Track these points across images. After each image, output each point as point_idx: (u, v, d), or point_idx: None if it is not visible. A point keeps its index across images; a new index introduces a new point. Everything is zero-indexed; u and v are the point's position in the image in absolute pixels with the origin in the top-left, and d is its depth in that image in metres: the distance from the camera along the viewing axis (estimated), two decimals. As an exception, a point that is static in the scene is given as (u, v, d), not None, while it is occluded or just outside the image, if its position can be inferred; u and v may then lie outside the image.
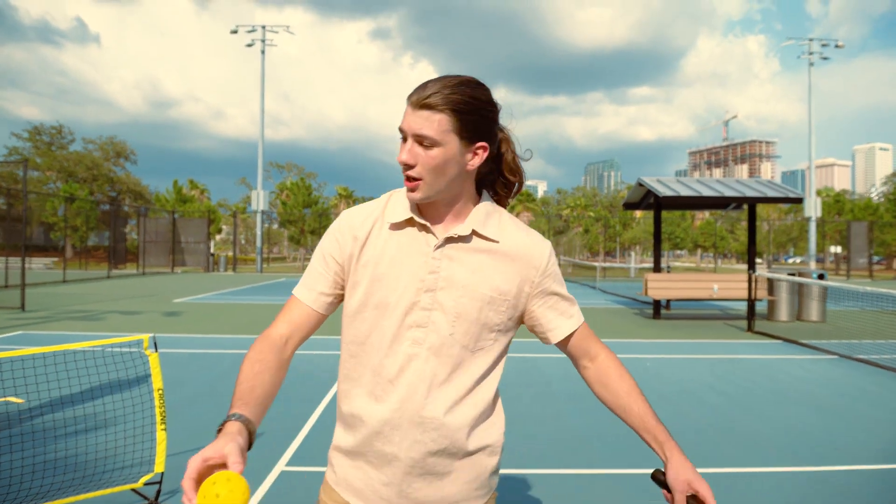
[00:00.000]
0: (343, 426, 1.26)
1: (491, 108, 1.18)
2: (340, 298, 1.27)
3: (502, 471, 3.69)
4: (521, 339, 10.52)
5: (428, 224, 1.20)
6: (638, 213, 60.99)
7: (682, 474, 1.14)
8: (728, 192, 11.64)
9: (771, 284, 11.72)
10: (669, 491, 1.15)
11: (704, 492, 1.12)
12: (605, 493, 3.42)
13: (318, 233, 45.76)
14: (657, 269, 12.80)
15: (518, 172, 1.30)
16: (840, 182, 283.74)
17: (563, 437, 4.38)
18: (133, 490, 3.28)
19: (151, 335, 3.15)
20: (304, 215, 46.38)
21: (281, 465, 3.71)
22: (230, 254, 36.93)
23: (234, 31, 34.39)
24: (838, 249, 44.40)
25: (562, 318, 1.28)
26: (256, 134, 33.75)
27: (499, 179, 1.30)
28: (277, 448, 4.00)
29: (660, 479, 1.18)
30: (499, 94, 1.22)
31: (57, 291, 16.73)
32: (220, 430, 1.00)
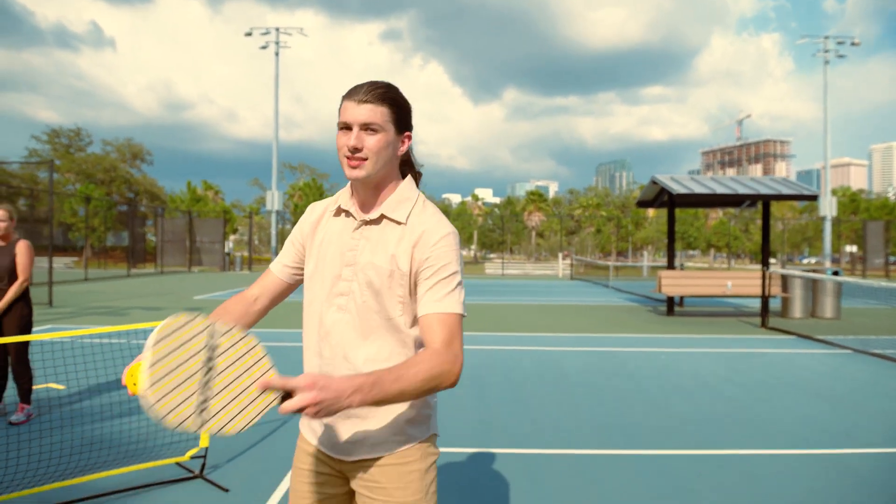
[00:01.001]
0: None
1: (410, 107, 1.45)
2: (300, 271, 1.56)
3: (527, 450, 3.86)
4: (540, 332, 10.61)
5: (351, 211, 1.47)
6: (650, 213, 60.77)
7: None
8: (742, 190, 11.71)
9: (785, 281, 11.76)
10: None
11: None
12: (620, 472, 3.57)
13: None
14: (671, 266, 12.88)
15: (413, 164, 1.55)
16: (857, 182, 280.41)
17: (581, 424, 4.53)
18: (178, 464, 3.49)
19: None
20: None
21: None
22: (245, 254, 37.37)
23: (249, 34, 34.76)
24: (854, 249, 43.99)
25: (426, 298, 1.35)
26: (269, 135, 34.17)
27: (404, 168, 1.52)
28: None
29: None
30: (510, 95, 1.39)
31: (80, 289, 17.11)
32: None
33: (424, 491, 1.44)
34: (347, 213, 1.48)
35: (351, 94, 1.38)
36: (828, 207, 34.14)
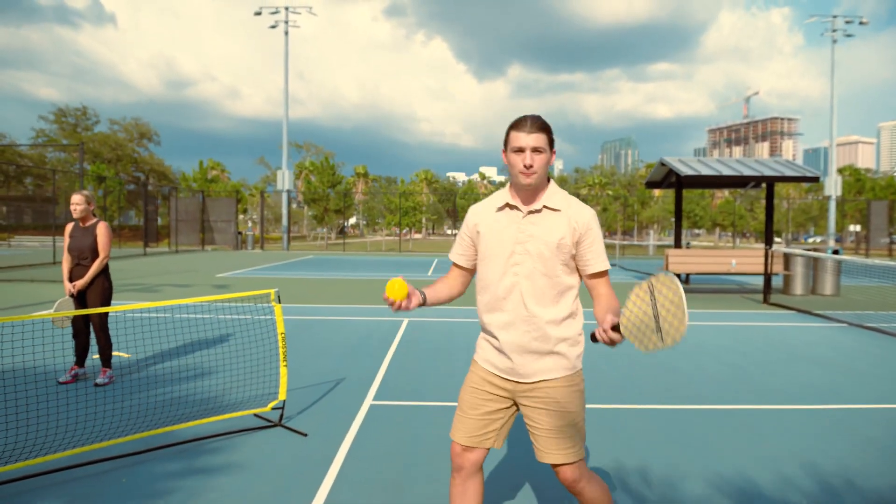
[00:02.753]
0: (483, 327, 2.20)
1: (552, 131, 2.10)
2: (474, 254, 2.21)
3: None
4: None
5: (517, 205, 2.08)
6: (656, 192, 60.93)
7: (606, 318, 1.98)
8: (747, 172, 12.15)
9: (787, 259, 12.27)
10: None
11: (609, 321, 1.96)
12: (634, 422, 4.14)
13: (341, 212, 46.56)
14: (678, 245, 13.39)
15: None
16: (865, 160, 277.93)
17: (598, 384, 5.10)
18: (256, 415, 4.07)
19: (276, 290, 3.89)
20: (327, 194, 47.10)
21: (369, 401, 4.49)
22: (257, 233, 37.95)
23: (258, 13, 34.86)
24: (858, 228, 44.28)
25: (590, 261, 2.09)
26: (271, 113, 34.82)
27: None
28: (364, 388, 4.79)
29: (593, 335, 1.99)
30: (515, 72, 2.00)
31: (105, 267, 17.71)
32: None
33: (582, 405, 2.15)
34: (513, 207, 2.10)
35: (519, 127, 2.02)
36: (833, 187, 34.40)
